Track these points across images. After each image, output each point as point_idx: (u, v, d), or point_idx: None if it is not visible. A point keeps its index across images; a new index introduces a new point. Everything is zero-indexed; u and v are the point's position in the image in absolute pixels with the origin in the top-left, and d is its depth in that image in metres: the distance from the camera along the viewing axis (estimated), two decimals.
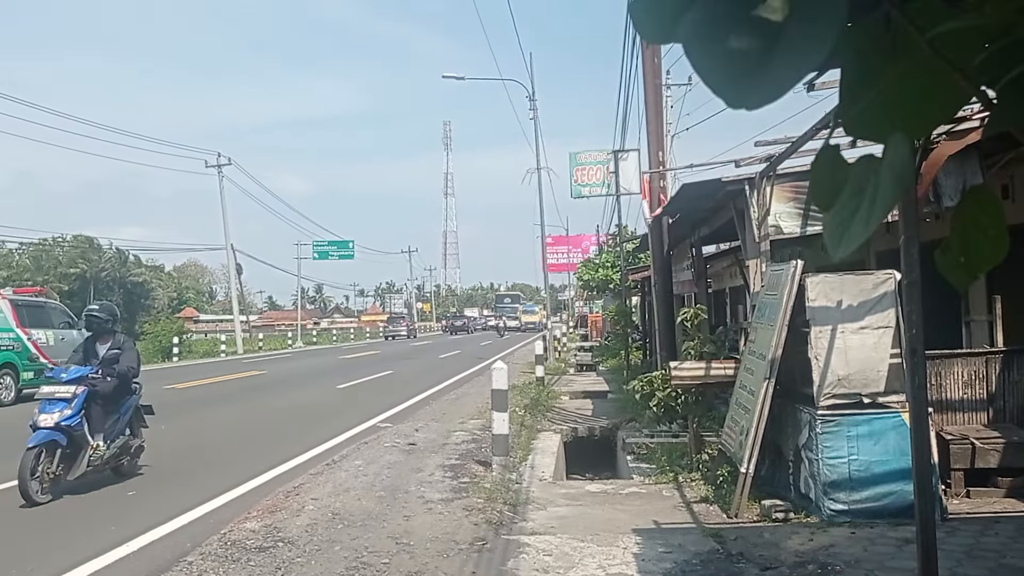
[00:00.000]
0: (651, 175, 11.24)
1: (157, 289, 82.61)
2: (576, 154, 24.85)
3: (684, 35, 0.80)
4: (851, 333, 5.93)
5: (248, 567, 5.26)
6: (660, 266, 11.36)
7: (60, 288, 71.46)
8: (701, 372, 7.73)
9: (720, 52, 0.78)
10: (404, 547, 5.66)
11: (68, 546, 5.99)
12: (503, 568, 5.17)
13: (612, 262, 28.65)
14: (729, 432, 7.00)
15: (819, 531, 5.59)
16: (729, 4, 0.78)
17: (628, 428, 11.01)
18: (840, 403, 5.90)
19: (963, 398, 6.81)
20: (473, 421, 11.99)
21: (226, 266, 50.98)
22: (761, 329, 6.76)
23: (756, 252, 7.55)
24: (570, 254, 48.03)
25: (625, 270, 21.21)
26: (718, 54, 0.78)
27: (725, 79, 0.78)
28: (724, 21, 0.78)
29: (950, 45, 0.82)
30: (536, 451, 9.66)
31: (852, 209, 0.87)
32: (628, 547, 5.48)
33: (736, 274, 14.35)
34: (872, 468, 5.80)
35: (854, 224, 0.86)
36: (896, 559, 4.94)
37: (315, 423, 12.45)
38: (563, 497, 7.24)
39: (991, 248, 0.96)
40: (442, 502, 6.99)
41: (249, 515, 6.58)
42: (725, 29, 0.78)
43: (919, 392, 3.37)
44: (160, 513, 6.79)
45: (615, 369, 21.74)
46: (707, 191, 8.37)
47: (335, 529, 6.14)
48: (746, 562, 5.06)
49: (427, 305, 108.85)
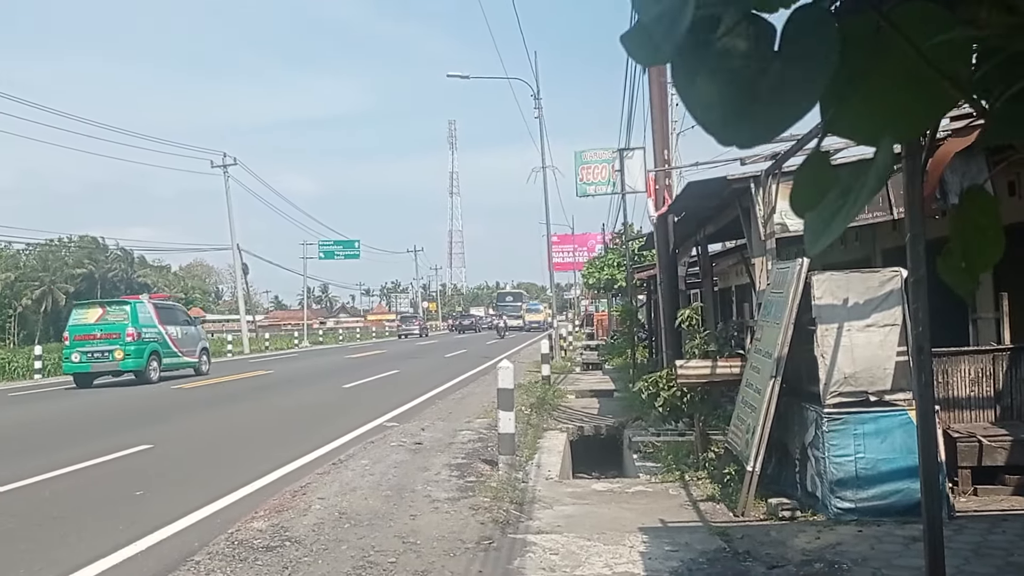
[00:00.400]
0: (656, 173, 11.22)
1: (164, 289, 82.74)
2: (581, 153, 24.87)
3: (674, 77, 0.80)
4: (857, 331, 5.91)
5: (255, 566, 5.28)
6: (666, 264, 11.35)
7: (67, 289, 71.79)
8: (707, 371, 7.72)
9: (708, 92, 0.78)
10: (411, 546, 5.67)
11: (76, 545, 6.02)
12: (510, 567, 5.17)
13: (618, 261, 28.63)
14: (735, 430, 6.99)
15: (826, 529, 5.59)
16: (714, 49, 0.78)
17: (634, 427, 11.01)
18: (846, 401, 5.88)
19: (970, 396, 6.79)
20: (479, 420, 12.00)
21: (232, 266, 51.21)
22: (767, 327, 6.75)
23: (762, 250, 7.54)
24: (576, 253, 47.95)
25: (631, 269, 21.19)
26: (706, 94, 0.78)
27: (715, 118, 0.78)
28: (712, 62, 0.77)
29: (941, 54, 0.82)
30: (542, 450, 9.67)
31: (834, 210, 0.87)
32: (635, 546, 5.48)
33: (742, 272, 14.34)
34: (879, 466, 5.79)
35: (834, 222, 0.86)
36: (903, 557, 4.93)
37: (321, 422, 12.48)
38: (569, 496, 7.24)
39: (990, 248, 0.96)
40: (448, 501, 7.00)
41: (256, 514, 6.60)
42: (713, 72, 0.77)
43: (926, 390, 3.34)
44: (167, 513, 6.81)
45: (621, 368, 21.72)
46: (712, 189, 8.36)
47: (342, 528, 6.16)
48: (753, 560, 5.06)
49: (433, 304, 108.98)
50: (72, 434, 11.94)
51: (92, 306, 22.46)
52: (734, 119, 0.77)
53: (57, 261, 74.58)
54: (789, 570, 4.86)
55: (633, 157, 15.10)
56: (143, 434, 11.20)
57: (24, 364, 27.14)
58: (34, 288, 70.39)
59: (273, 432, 11.87)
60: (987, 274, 0.92)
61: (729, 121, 0.77)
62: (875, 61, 0.84)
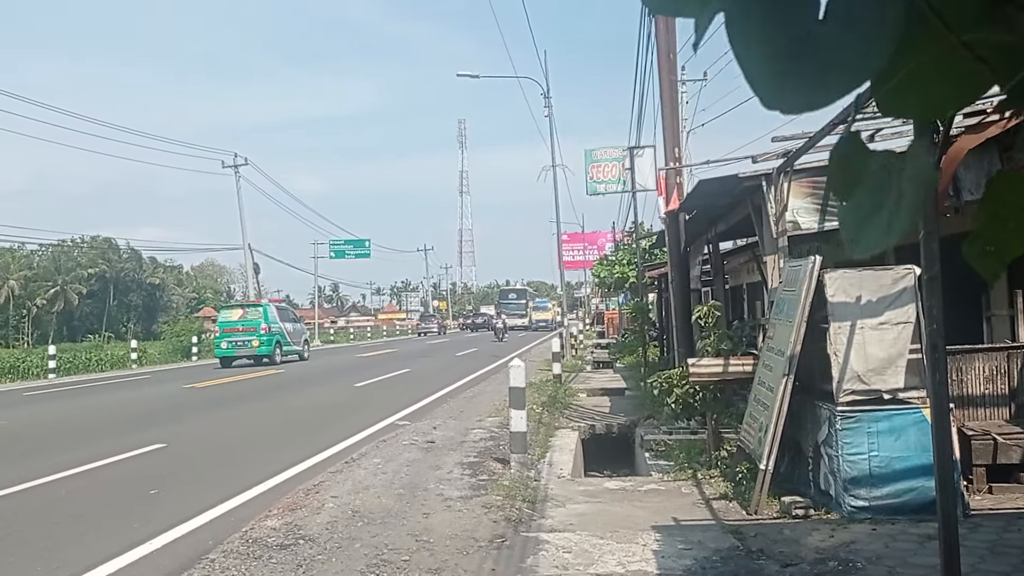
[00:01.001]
0: (667, 171, 11.20)
1: (175, 289, 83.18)
2: (591, 151, 24.87)
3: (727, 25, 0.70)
4: (870, 329, 5.90)
5: (270, 564, 5.31)
6: (677, 262, 11.33)
7: (80, 289, 72.26)
8: (719, 369, 7.71)
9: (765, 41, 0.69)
10: (424, 544, 5.69)
11: (93, 543, 6.06)
12: (523, 565, 5.18)
13: (628, 259, 28.59)
14: (748, 429, 6.98)
15: (840, 528, 5.57)
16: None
17: (646, 425, 11.00)
18: (860, 399, 5.87)
19: (984, 393, 6.76)
20: (491, 419, 12.02)
21: (243, 266, 51.32)
22: (779, 325, 6.74)
23: (774, 248, 7.52)
24: (586, 251, 47.89)
25: (641, 267, 21.16)
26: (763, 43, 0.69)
27: (766, 74, 0.70)
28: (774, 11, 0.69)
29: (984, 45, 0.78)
30: (554, 448, 9.67)
31: (870, 208, 0.84)
32: (648, 544, 5.48)
33: (753, 270, 14.28)
34: (893, 464, 5.77)
35: (873, 225, 0.83)
36: (918, 555, 4.91)
37: (333, 421, 12.53)
38: (582, 494, 7.25)
39: (1021, 231, 0.94)
40: (461, 499, 7.01)
41: (270, 513, 6.64)
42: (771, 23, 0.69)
43: (940, 388, 3.35)
44: (182, 511, 6.85)
45: (632, 366, 21.70)
46: (724, 187, 8.34)
47: (355, 527, 6.18)
48: (766, 559, 5.05)
49: (443, 303, 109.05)
50: (86, 433, 12.02)
51: (234, 308, 29.83)
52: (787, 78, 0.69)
53: (70, 261, 75.08)
54: (803, 568, 4.85)
55: (643, 155, 15.09)
56: (156, 433, 11.27)
57: (38, 364, 27.34)
58: (47, 288, 70.87)
59: (285, 431, 11.91)
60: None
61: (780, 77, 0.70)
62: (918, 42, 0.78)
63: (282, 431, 11.92)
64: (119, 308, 78.10)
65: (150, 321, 76.97)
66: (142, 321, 77.16)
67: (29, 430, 12.91)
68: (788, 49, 0.69)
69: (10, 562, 5.67)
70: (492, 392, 15.78)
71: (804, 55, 0.69)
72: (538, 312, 71.83)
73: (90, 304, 75.57)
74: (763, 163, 7.79)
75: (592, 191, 24.75)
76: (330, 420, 12.82)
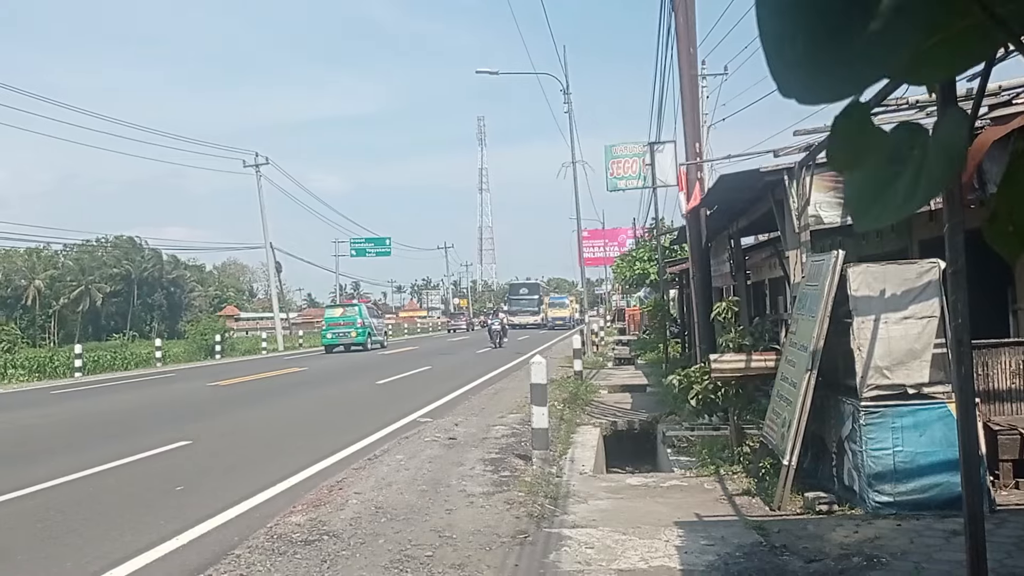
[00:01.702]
0: (688, 167, 11.17)
1: (197, 288, 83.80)
2: (612, 147, 24.81)
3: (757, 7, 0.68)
4: (894, 323, 5.85)
5: (295, 560, 5.36)
6: (698, 258, 11.30)
7: (104, 289, 73.07)
8: (742, 364, 7.68)
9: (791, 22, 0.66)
10: (447, 540, 5.72)
11: (120, 539, 6.14)
12: (545, 560, 5.20)
13: (649, 255, 28.50)
14: (771, 424, 6.95)
15: (864, 523, 5.54)
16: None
17: (668, 421, 10.98)
18: (884, 394, 5.83)
19: (1011, 388, 6.69)
20: (512, 415, 12.04)
21: (265, 264, 51.67)
22: (802, 320, 6.70)
23: (796, 243, 7.48)
24: (607, 248, 47.84)
25: (662, 263, 21.10)
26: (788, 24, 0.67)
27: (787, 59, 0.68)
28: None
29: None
30: (576, 445, 9.68)
31: (886, 179, 0.80)
32: (670, 540, 5.48)
33: (775, 265, 14.20)
34: (917, 460, 5.73)
35: (890, 195, 0.79)
36: (944, 551, 4.88)
37: (356, 418, 12.60)
38: (604, 490, 7.25)
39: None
40: (483, 495, 7.04)
41: (294, 509, 6.69)
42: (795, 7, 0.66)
43: (966, 382, 3.32)
44: (208, 507, 6.93)
45: (653, 363, 21.66)
46: (745, 182, 8.30)
47: (379, 522, 6.22)
48: (790, 555, 5.03)
49: (464, 301, 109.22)
50: (113, 431, 12.16)
51: (336, 307, 39.09)
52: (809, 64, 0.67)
53: (95, 261, 75.90)
54: (827, 564, 4.83)
55: (664, 151, 15.05)
56: (182, 431, 11.39)
57: (64, 363, 27.69)
58: (72, 288, 71.73)
59: (308, 428, 12.00)
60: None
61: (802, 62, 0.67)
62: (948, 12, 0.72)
63: (305, 428, 12.01)
64: (143, 307, 78.97)
65: (174, 320, 77.77)
66: (166, 320, 77.98)
67: (58, 428, 13.08)
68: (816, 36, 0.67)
69: (41, 557, 5.76)
70: (513, 389, 15.80)
71: (831, 43, 0.67)
72: (554, 309, 66.04)
73: (114, 303, 76.47)
74: (785, 157, 7.75)
75: (612, 187, 24.70)
76: (352, 417, 12.90)
